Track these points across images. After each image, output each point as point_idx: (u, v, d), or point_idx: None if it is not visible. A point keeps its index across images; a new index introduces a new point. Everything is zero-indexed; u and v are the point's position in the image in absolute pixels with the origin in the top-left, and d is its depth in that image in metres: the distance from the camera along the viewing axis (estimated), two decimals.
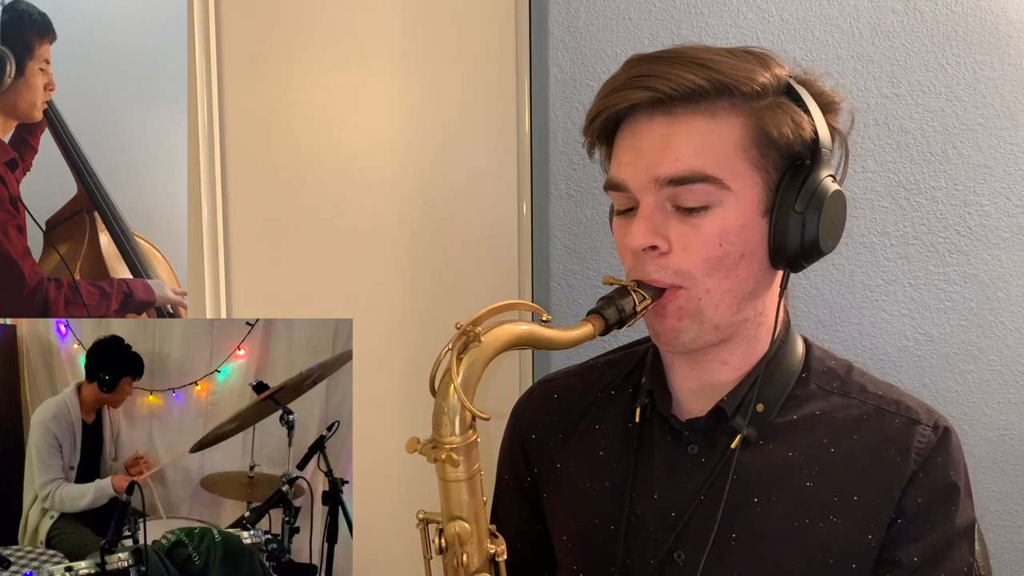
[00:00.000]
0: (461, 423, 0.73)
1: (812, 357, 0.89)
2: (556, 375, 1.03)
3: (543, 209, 1.37)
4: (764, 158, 0.78)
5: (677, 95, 0.76)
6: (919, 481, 0.81)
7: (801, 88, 0.81)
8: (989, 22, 1.28)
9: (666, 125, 0.78)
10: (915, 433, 0.82)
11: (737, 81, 0.77)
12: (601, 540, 0.88)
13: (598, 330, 0.77)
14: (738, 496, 0.82)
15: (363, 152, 1.31)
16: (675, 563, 0.84)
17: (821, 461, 0.83)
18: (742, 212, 0.78)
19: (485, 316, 0.74)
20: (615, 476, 0.89)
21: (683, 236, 0.78)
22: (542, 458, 0.96)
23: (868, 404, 0.85)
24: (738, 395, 0.84)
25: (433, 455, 0.74)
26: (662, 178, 0.77)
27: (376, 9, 1.29)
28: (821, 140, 0.79)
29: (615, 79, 0.81)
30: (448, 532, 0.75)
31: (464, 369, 0.72)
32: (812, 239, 0.78)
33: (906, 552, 0.80)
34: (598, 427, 0.93)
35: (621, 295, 0.78)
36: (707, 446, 0.85)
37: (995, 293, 1.32)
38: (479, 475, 0.76)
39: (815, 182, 0.78)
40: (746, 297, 0.81)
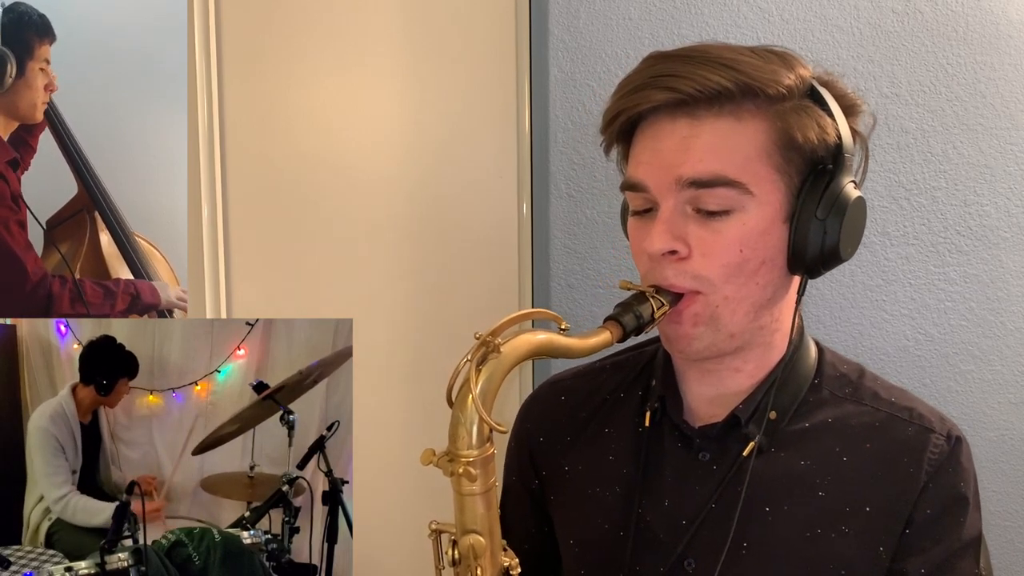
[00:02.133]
0: (479, 436, 0.71)
1: (824, 362, 0.87)
2: (563, 376, 1.01)
3: (543, 209, 1.37)
4: (787, 163, 0.76)
5: (701, 96, 0.74)
6: (929, 491, 0.80)
7: (824, 90, 0.78)
8: (989, 22, 1.28)
9: (689, 127, 0.75)
10: (929, 442, 0.81)
11: (763, 83, 0.74)
12: (610, 546, 0.87)
13: (616, 337, 0.76)
14: (749, 505, 0.81)
15: (363, 152, 1.31)
16: (685, 571, 0.83)
17: (833, 470, 0.81)
18: (764, 218, 0.76)
19: (505, 326, 0.72)
20: (624, 481, 0.88)
21: (703, 241, 0.76)
22: (549, 461, 0.95)
23: (881, 411, 0.83)
24: (753, 402, 0.83)
25: (450, 468, 0.72)
26: (684, 179, 0.75)
27: (376, 9, 1.29)
28: (844, 144, 0.77)
29: (635, 78, 0.78)
30: (462, 545, 0.74)
31: (483, 380, 0.70)
32: (832, 246, 0.77)
33: (913, 563, 0.79)
34: (607, 430, 0.92)
35: (639, 301, 0.76)
36: (718, 453, 0.84)
37: (995, 293, 1.32)
38: (495, 488, 0.75)
39: (837, 188, 0.76)
40: (764, 304, 0.80)
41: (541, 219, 1.37)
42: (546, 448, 0.95)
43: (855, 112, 0.82)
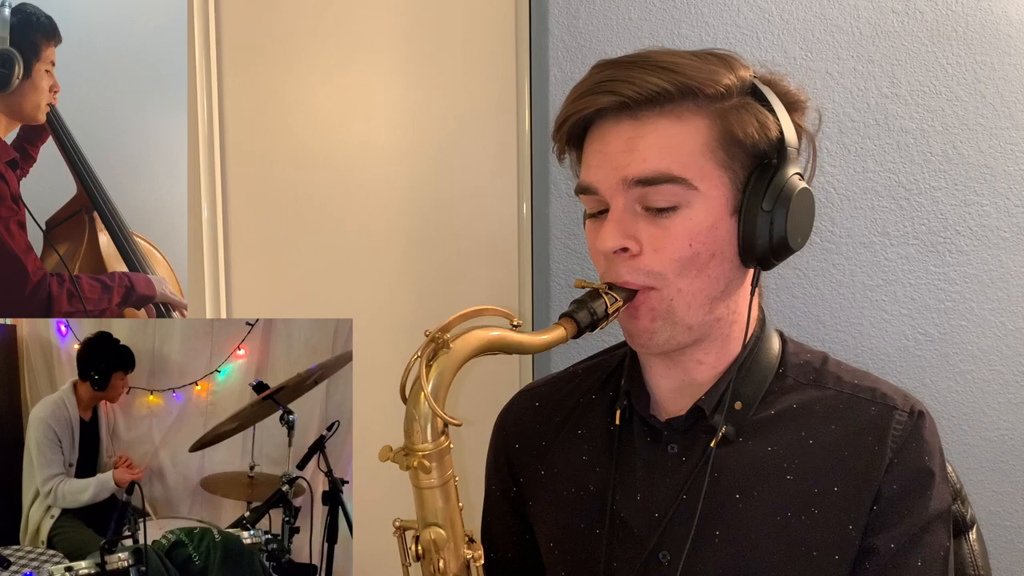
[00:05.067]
0: (433, 430, 0.74)
1: (787, 352, 0.90)
2: (537, 383, 1.03)
3: (543, 209, 1.37)
4: (730, 158, 0.79)
5: (642, 99, 0.77)
6: (895, 467, 0.81)
7: (766, 88, 0.82)
8: (989, 22, 1.28)
9: (632, 128, 0.79)
10: (892, 419, 0.83)
11: (701, 83, 0.78)
12: (585, 543, 0.88)
13: (570, 333, 0.78)
14: (719, 494, 0.83)
15: (363, 152, 1.31)
16: (660, 563, 0.84)
17: (800, 454, 0.83)
18: (710, 212, 0.79)
19: (454, 322, 0.74)
20: (598, 479, 0.89)
21: (653, 237, 0.79)
22: (527, 466, 0.96)
23: (844, 393, 0.86)
24: (716, 393, 0.85)
25: (405, 462, 0.74)
26: (630, 179, 0.78)
27: (376, 9, 1.29)
28: (787, 139, 0.80)
29: (581, 84, 0.82)
30: (424, 539, 0.76)
31: (434, 376, 0.72)
32: (781, 237, 0.79)
33: (882, 539, 0.81)
34: (580, 432, 0.93)
35: (593, 298, 0.79)
36: (686, 445, 0.85)
37: (995, 293, 1.32)
38: (453, 481, 0.77)
39: (781, 180, 0.79)
40: (718, 296, 0.82)
41: (541, 219, 1.37)
42: (522, 454, 0.97)
43: (799, 108, 0.85)
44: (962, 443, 1.34)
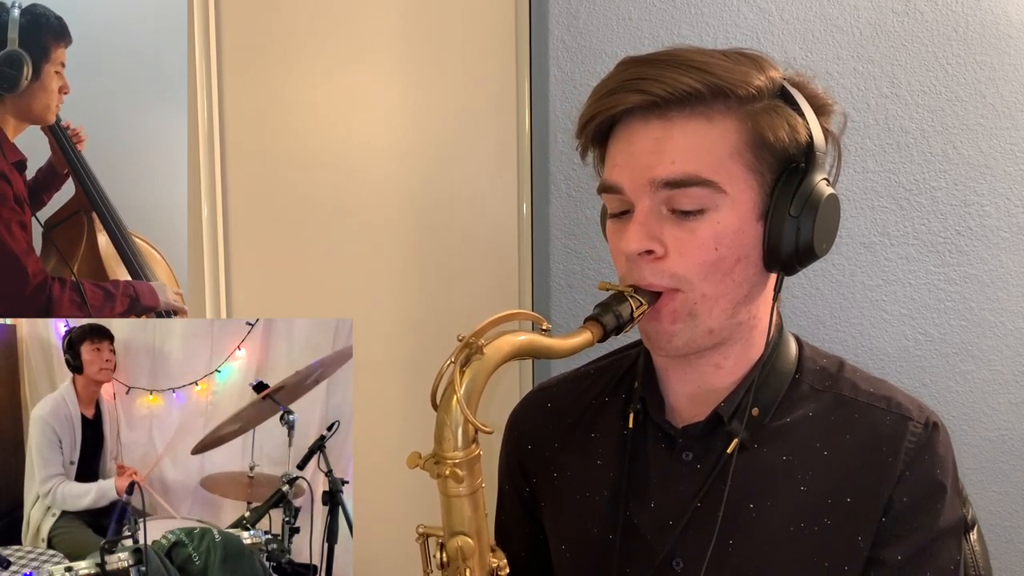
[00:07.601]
0: (464, 437, 0.72)
1: (804, 357, 0.88)
2: (549, 383, 1.02)
3: (543, 209, 1.37)
4: (759, 161, 0.78)
5: (673, 98, 0.76)
6: (906, 479, 0.81)
7: (795, 91, 0.80)
8: (989, 22, 1.28)
9: (661, 128, 0.77)
10: (906, 431, 0.82)
11: (733, 84, 0.76)
12: (599, 550, 0.87)
13: (596, 337, 0.77)
14: (734, 502, 0.81)
15: (363, 152, 1.31)
16: (673, 571, 0.83)
17: (814, 463, 0.82)
18: (737, 216, 0.78)
19: (487, 327, 0.72)
20: (611, 485, 0.88)
21: (679, 240, 0.77)
22: (539, 468, 0.95)
23: (860, 402, 0.85)
24: (734, 400, 0.84)
25: (436, 471, 0.72)
26: (658, 180, 0.77)
27: (376, 9, 1.29)
28: (816, 143, 0.79)
29: (608, 82, 0.80)
30: (450, 547, 0.75)
31: (467, 382, 0.71)
32: (807, 243, 0.78)
33: (890, 551, 0.80)
34: (593, 435, 0.92)
35: (618, 301, 0.78)
36: (701, 452, 0.84)
37: (995, 293, 1.32)
38: (481, 489, 0.76)
39: (810, 186, 0.78)
40: (741, 301, 0.81)
41: (541, 219, 1.37)
42: (535, 455, 0.96)
43: (826, 112, 0.84)
44: (962, 443, 1.34)
